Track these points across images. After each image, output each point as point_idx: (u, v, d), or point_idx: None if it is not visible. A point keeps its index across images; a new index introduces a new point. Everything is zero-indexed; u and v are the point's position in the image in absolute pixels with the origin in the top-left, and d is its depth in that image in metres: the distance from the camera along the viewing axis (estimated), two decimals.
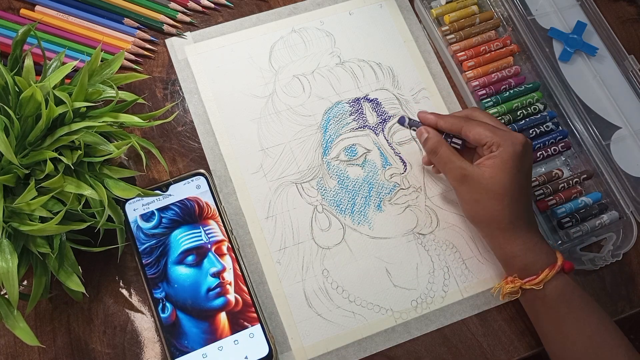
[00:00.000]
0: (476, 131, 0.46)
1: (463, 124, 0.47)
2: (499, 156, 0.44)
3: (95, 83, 0.43)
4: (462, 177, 0.45)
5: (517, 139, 0.45)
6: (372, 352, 0.48)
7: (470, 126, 0.46)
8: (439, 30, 0.59)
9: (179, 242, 0.48)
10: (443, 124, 0.48)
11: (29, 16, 0.54)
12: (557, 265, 0.44)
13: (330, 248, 0.51)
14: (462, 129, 0.47)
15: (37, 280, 0.40)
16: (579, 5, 0.63)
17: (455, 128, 0.47)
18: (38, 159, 0.38)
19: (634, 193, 0.53)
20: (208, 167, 0.53)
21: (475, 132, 0.46)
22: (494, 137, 0.45)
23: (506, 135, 0.45)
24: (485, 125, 0.46)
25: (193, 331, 0.45)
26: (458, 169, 0.46)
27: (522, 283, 0.45)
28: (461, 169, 0.45)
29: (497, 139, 0.45)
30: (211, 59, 0.56)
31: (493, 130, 0.45)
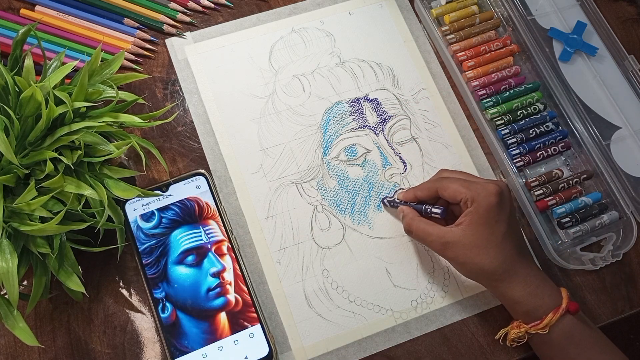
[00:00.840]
0: (451, 189, 0.46)
1: (437, 185, 0.47)
2: (474, 212, 0.44)
3: (95, 83, 0.43)
4: (443, 245, 0.45)
5: (489, 190, 0.44)
6: (372, 352, 0.48)
7: (444, 185, 0.46)
8: (439, 30, 0.59)
9: (179, 242, 0.48)
10: (420, 194, 0.49)
11: (29, 16, 0.54)
12: (561, 307, 0.43)
13: (330, 248, 0.51)
14: (437, 191, 0.47)
15: (37, 280, 0.40)
16: (579, 5, 0.63)
17: (432, 192, 0.48)
18: (38, 159, 0.38)
19: (634, 193, 0.53)
20: (208, 167, 0.53)
21: (449, 190, 0.46)
22: (467, 192, 0.44)
23: (478, 188, 0.45)
24: (458, 181, 0.46)
25: (193, 331, 0.45)
26: (436, 239, 0.45)
27: (528, 328, 0.44)
28: (439, 237, 0.45)
29: (470, 193, 0.44)
30: (211, 59, 0.56)
31: (467, 185, 0.45)
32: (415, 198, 0.49)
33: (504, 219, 0.44)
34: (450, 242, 0.44)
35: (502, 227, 0.44)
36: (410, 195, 0.50)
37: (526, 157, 0.55)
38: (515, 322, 0.46)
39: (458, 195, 0.45)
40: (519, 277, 0.44)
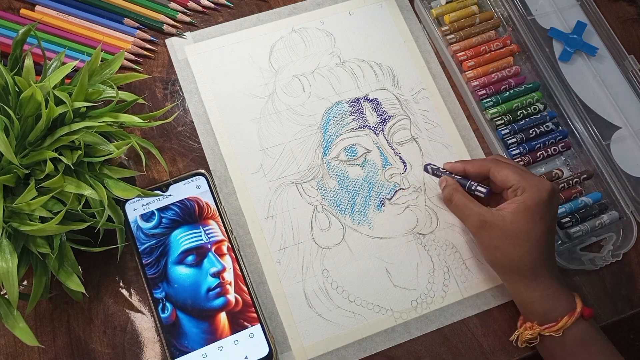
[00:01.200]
0: (504, 173, 0.45)
1: (491, 165, 0.47)
2: (522, 201, 0.44)
3: (95, 83, 0.43)
4: (481, 223, 0.45)
5: (543, 186, 0.44)
6: (372, 352, 0.48)
7: (499, 167, 0.46)
8: (439, 30, 0.59)
9: (179, 242, 0.48)
10: (470, 168, 0.48)
11: (29, 16, 0.54)
12: (576, 312, 0.43)
13: (330, 248, 0.51)
14: (490, 170, 0.47)
15: (37, 280, 0.40)
16: (579, 5, 0.63)
17: (484, 170, 0.47)
18: (38, 159, 0.38)
19: (634, 193, 0.53)
20: (208, 167, 0.53)
21: (503, 173, 0.45)
22: (521, 181, 0.44)
23: (533, 180, 0.45)
24: (513, 168, 0.46)
25: (193, 331, 0.45)
26: (475, 215, 0.45)
27: (541, 329, 0.44)
28: (479, 214, 0.45)
29: (523, 182, 0.44)
30: (211, 59, 0.56)
31: (521, 174, 0.45)
32: (463, 171, 0.49)
33: (549, 218, 0.44)
34: (489, 222, 0.44)
35: (543, 225, 0.44)
36: (459, 167, 0.49)
37: (526, 157, 0.55)
38: (527, 322, 0.45)
39: (510, 181, 0.45)
40: (542, 279, 0.44)
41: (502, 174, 0.46)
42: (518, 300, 0.46)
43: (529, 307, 0.45)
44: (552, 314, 0.44)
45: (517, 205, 0.44)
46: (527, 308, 0.45)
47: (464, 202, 0.46)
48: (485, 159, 0.49)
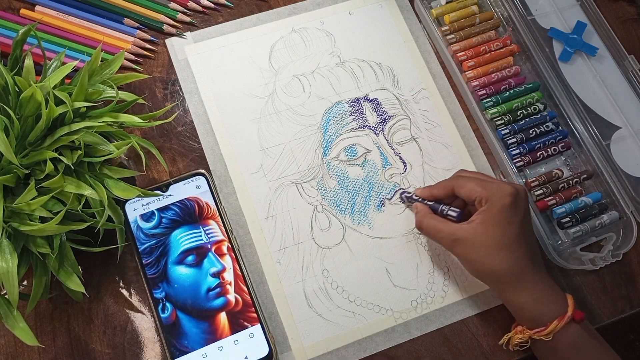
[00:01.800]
0: (467, 187, 0.46)
1: (454, 183, 0.47)
2: (487, 210, 0.44)
3: (95, 83, 0.43)
4: (453, 241, 0.45)
5: (504, 191, 0.44)
6: (372, 352, 0.48)
7: (460, 183, 0.46)
8: (439, 30, 0.59)
9: (179, 242, 0.48)
10: (436, 192, 0.49)
11: (29, 16, 0.54)
12: (566, 315, 0.42)
13: (330, 248, 0.51)
14: (453, 189, 0.47)
15: (37, 280, 0.40)
16: (579, 5, 0.63)
17: (448, 190, 0.48)
18: (38, 159, 0.38)
19: (634, 193, 0.53)
20: (208, 167, 0.53)
21: (466, 188, 0.46)
22: (482, 192, 0.44)
23: (494, 187, 0.44)
24: (475, 180, 0.46)
25: (193, 331, 0.45)
26: (446, 235, 0.45)
27: (531, 334, 0.43)
28: (449, 233, 0.45)
29: (485, 192, 0.44)
30: (211, 59, 0.56)
31: (482, 184, 0.45)
32: (431, 196, 0.49)
33: (517, 221, 0.44)
34: (460, 239, 0.44)
35: (514, 229, 0.43)
36: (426, 192, 0.49)
37: (526, 157, 0.55)
38: (518, 327, 0.45)
39: (473, 194, 0.45)
40: (526, 283, 0.43)
41: (465, 189, 0.46)
42: (508, 306, 0.46)
43: (519, 312, 0.44)
44: (541, 317, 0.43)
45: (483, 216, 0.44)
46: (518, 313, 0.45)
47: (433, 225, 0.46)
48: (449, 178, 0.49)
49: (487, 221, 0.44)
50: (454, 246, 0.45)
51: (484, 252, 0.43)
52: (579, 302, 0.51)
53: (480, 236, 0.44)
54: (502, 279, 0.44)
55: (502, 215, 0.43)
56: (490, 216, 0.43)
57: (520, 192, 0.45)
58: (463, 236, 0.44)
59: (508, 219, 0.43)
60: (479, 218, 0.44)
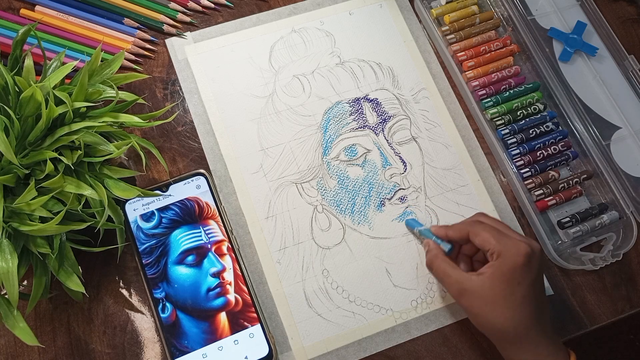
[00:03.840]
0: (482, 237, 0.44)
1: (470, 229, 0.45)
2: (498, 267, 0.42)
3: (95, 83, 0.43)
4: (460, 290, 0.44)
5: (519, 250, 0.42)
6: (372, 352, 0.48)
7: (476, 231, 0.45)
8: (439, 30, 0.59)
9: (179, 242, 0.48)
10: (452, 234, 0.47)
11: (29, 16, 0.54)
12: None
13: (330, 248, 0.51)
14: (469, 234, 0.45)
15: (37, 280, 0.40)
16: (579, 5, 0.63)
17: (464, 234, 0.46)
18: (38, 159, 0.38)
19: (634, 193, 0.53)
20: (208, 167, 0.53)
21: (480, 238, 0.44)
22: (496, 245, 0.43)
23: (509, 244, 0.43)
24: (492, 230, 0.44)
25: (193, 331, 0.45)
26: (455, 283, 0.44)
27: None
28: (458, 282, 0.44)
29: (499, 247, 0.43)
30: (211, 59, 0.56)
31: (498, 237, 0.43)
32: (446, 236, 0.47)
33: (528, 282, 0.42)
34: (467, 289, 0.43)
35: (523, 289, 0.42)
36: (442, 232, 0.48)
37: (526, 157, 0.55)
38: None
39: (487, 245, 0.44)
40: (530, 345, 0.42)
41: (479, 238, 0.44)
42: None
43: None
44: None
45: (493, 271, 0.42)
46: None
47: (443, 269, 0.45)
48: (466, 222, 0.48)
49: (496, 277, 0.42)
50: (460, 296, 0.44)
51: (489, 308, 0.42)
52: (580, 301, 0.51)
53: (487, 291, 0.42)
54: (505, 338, 0.43)
55: (512, 275, 0.42)
56: (501, 273, 0.42)
57: (536, 252, 0.43)
58: (471, 288, 0.43)
59: (518, 279, 0.42)
60: (488, 272, 0.43)
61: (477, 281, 0.43)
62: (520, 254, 0.42)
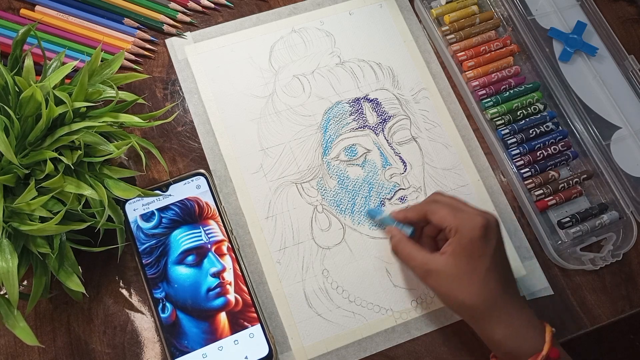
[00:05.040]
0: (438, 215, 0.44)
1: (427, 208, 0.46)
2: (457, 242, 0.42)
3: (95, 83, 0.43)
4: (426, 271, 0.43)
5: (475, 223, 0.42)
6: (372, 352, 0.48)
7: (432, 210, 0.45)
8: (439, 30, 0.59)
9: (179, 242, 0.48)
10: (410, 215, 0.47)
11: (29, 16, 0.54)
12: (540, 355, 0.40)
13: (330, 248, 0.51)
14: (426, 214, 0.45)
15: (37, 280, 0.40)
16: (579, 5, 0.63)
17: (422, 215, 0.46)
18: (38, 159, 0.38)
19: (634, 193, 0.53)
20: (208, 167, 0.53)
21: (437, 215, 0.44)
22: (452, 221, 0.43)
23: (465, 218, 0.43)
24: (447, 207, 0.44)
25: (193, 331, 0.45)
26: (419, 263, 0.44)
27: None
28: (422, 263, 0.44)
29: (455, 222, 0.43)
30: (211, 59, 0.56)
31: (454, 213, 0.43)
32: (405, 219, 0.48)
33: (489, 253, 0.42)
34: (432, 270, 0.43)
35: (485, 262, 0.42)
36: (400, 215, 0.48)
37: (526, 157, 0.55)
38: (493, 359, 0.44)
39: (444, 222, 0.44)
40: (501, 317, 0.42)
41: (436, 216, 0.44)
42: (484, 339, 0.44)
43: (497, 347, 0.43)
44: (517, 352, 0.41)
45: (454, 248, 0.42)
46: (495, 348, 0.43)
47: (407, 253, 0.45)
48: (423, 202, 0.48)
49: (457, 253, 0.42)
50: (426, 277, 0.44)
51: (454, 285, 0.42)
52: (580, 301, 0.51)
53: (451, 268, 0.42)
54: (475, 313, 0.43)
55: (472, 248, 0.42)
56: (461, 248, 0.42)
57: (492, 224, 0.43)
58: (435, 267, 0.43)
59: (479, 252, 0.42)
60: (449, 250, 0.43)
61: (441, 260, 0.43)
62: (476, 226, 0.42)
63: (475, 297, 0.42)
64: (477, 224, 0.42)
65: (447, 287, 0.43)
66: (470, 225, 0.43)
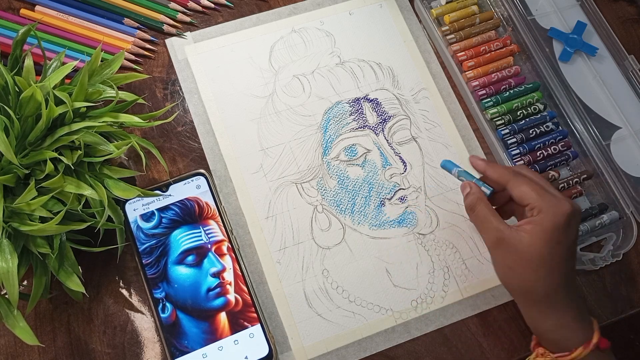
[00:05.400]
0: (522, 189, 0.42)
1: (511, 177, 0.43)
2: (539, 223, 0.41)
3: (95, 83, 0.43)
4: (498, 240, 0.42)
5: (561, 208, 0.41)
6: (372, 352, 0.48)
7: (518, 182, 0.43)
8: (439, 30, 0.59)
9: (179, 242, 0.48)
10: (491, 173, 0.45)
11: (29, 16, 0.54)
12: (591, 343, 0.40)
13: (330, 248, 0.51)
14: (508, 182, 0.43)
15: (37, 280, 0.40)
16: (579, 5, 0.63)
17: (503, 180, 0.44)
18: (38, 159, 0.38)
19: (634, 193, 0.53)
20: (208, 167, 0.53)
21: (520, 189, 0.42)
22: (538, 200, 0.41)
23: (552, 201, 0.41)
24: (533, 185, 0.42)
25: (193, 331, 0.45)
26: (494, 230, 0.42)
27: (553, 358, 0.42)
28: (497, 231, 0.42)
29: (540, 203, 0.41)
30: (211, 59, 0.56)
31: (540, 192, 0.42)
32: (483, 172, 0.46)
33: (567, 243, 0.41)
34: (505, 240, 0.41)
35: (562, 250, 0.41)
36: (481, 166, 0.46)
37: (526, 157, 0.55)
38: (540, 348, 0.44)
39: (527, 199, 0.42)
40: (557, 307, 0.41)
41: (519, 189, 0.42)
42: (532, 325, 0.44)
43: (543, 334, 0.43)
44: (566, 342, 0.41)
45: (533, 227, 0.41)
46: (541, 335, 0.43)
47: (484, 214, 0.43)
48: (508, 168, 0.45)
49: (536, 234, 0.41)
50: (497, 245, 0.42)
51: (524, 264, 0.41)
52: None
53: (526, 247, 0.41)
54: (533, 297, 0.42)
55: (553, 234, 0.40)
56: (542, 230, 0.40)
57: (577, 213, 0.42)
58: (509, 239, 0.41)
59: (558, 239, 0.41)
60: (528, 228, 0.41)
61: (517, 235, 0.41)
62: (562, 212, 0.41)
63: (540, 282, 0.41)
64: (564, 211, 0.41)
65: (515, 263, 0.41)
66: (556, 209, 0.41)
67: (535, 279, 0.41)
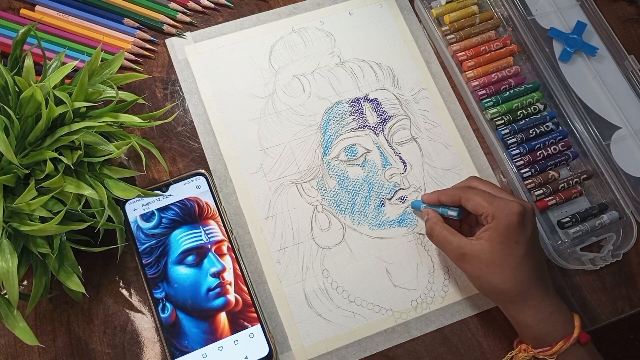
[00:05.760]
0: (474, 201, 0.45)
1: (462, 194, 0.46)
2: (493, 228, 0.43)
3: (95, 83, 0.43)
4: (461, 255, 0.44)
5: (512, 210, 0.43)
6: (372, 352, 0.48)
7: (468, 196, 0.45)
8: (439, 30, 0.59)
9: (179, 242, 0.48)
10: (443, 199, 0.48)
11: (29, 16, 0.54)
12: (572, 337, 0.42)
13: (330, 248, 0.51)
14: (461, 199, 0.46)
15: (37, 280, 0.40)
16: (579, 5, 0.63)
17: (455, 200, 0.47)
18: (38, 159, 0.38)
19: (634, 193, 0.53)
20: (208, 167, 0.53)
21: (472, 202, 0.45)
22: (489, 208, 0.44)
23: (501, 205, 0.44)
24: (483, 194, 0.45)
25: (193, 331, 0.45)
26: (455, 248, 0.45)
27: (535, 353, 0.43)
28: (458, 247, 0.44)
29: (492, 209, 0.44)
30: (211, 59, 0.56)
31: (490, 199, 0.44)
32: (437, 202, 0.49)
33: (524, 240, 0.43)
34: (467, 254, 0.44)
35: (521, 248, 0.43)
36: (433, 198, 0.49)
37: (526, 157, 0.55)
38: (522, 344, 0.45)
39: (480, 209, 0.44)
40: (532, 302, 0.43)
41: (471, 202, 0.45)
42: (513, 323, 0.46)
43: (524, 330, 0.44)
44: (547, 337, 0.43)
45: (490, 233, 0.43)
46: (522, 331, 0.45)
47: (444, 236, 0.46)
48: (457, 186, 0.49)
49: (493, 239, 0.43)
50: (461, 260, 0.45)
51: (490, 269, 0.43)
52: (580, 301, 0.51)
53: (486, 253, 0.43)
54: (507, 298, 0.44)
55: (508, 235, 0.43)
56: (497, 234, 0.43)
57: (528, 211, 0.44)
58: (470, 251, 0.44)
59: (515, 238, 0.43)
60: (485, 235, 0.44)
61: (477, 245, 0.44)
62: (513, 213, 0.43)
63: (509, 282, 0.43)
64: (514, 211, 0.43)
65: (482, 271, 0.44)
66: (507, 212, 0.43)
67: (503, 279, 0.43)
